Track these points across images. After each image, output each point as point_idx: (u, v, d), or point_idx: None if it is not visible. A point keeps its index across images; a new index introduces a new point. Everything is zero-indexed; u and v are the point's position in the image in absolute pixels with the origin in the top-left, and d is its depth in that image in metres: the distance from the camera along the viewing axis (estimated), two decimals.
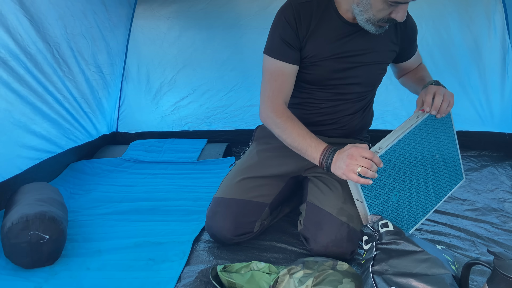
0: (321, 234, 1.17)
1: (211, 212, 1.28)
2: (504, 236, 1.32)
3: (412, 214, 1.17)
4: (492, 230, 1.36)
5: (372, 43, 1.23)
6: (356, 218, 1.15)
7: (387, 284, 0.86)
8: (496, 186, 1.71)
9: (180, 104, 2.47)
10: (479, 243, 1.28)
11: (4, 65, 1.54)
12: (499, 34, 2.02)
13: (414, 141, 1.12)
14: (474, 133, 2.17)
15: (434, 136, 1.18)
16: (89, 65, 2.10)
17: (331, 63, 1.22)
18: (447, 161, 1.24)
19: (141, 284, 1.12)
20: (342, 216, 1.16)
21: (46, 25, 1.72)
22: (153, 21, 2.34)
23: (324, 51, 1.21)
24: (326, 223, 1.17)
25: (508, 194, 1.63)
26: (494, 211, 1.49)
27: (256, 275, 1.04)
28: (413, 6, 2.11)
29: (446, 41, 2.10)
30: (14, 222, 1.17)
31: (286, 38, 1.19)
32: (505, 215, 1.46)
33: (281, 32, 1.20)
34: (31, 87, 1.71)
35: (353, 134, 1.40)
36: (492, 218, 1.44)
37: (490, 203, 1.55)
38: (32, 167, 1.76)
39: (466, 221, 1.42)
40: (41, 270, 1.20)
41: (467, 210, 1.50)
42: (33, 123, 1.76)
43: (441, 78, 2.12)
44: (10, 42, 1.55)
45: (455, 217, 1.45)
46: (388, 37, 1.26)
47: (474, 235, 1.32)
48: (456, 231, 1.35)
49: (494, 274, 0.79)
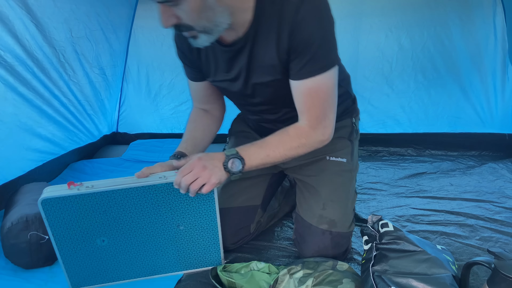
0: (305, 247, 1.15)
1: None
2: (505, 214, 1.33)
3: (123, 268, 1.09)
4: (493, 209, 1.36)
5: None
6: (339, 221, 1.12)
7: (387, 284, 0.85)
8: (497, 178, 1.72)
9: (179, 108, 2.47)
10: (479, 226, 1.27)
11: (11, 70, 1.55)
12: (499, 36, 2.02)
13: (144, 198, 1.00)
14: (474, 134, 2.17)
15: (181, 203, 1.03)
16: (92, 67, 2.11)
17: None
18: (199, 237, 1.10)
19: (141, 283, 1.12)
20: (323, 224, 1.12)
21: (52, 29, 1.74)
22: (154, 21, 2.34)
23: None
24: (308, 234, 1.15)
25: (508, 183, 1.65)
26: (495, 193, 1.52)
27: (256, 275, 1.04)
28: (416, 13, 2.17)
29: (448, 46, 2.11)
30: (14, 222, 1.17)
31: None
32: (505, 196, 1.48)
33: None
34: (38, 92, 1.73)
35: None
36: (493, 198, 1.46)
37: (491, 188, 1.58)
38: (34, 168, 1.77)
39: (466, 202, 1.43)
40: (40, 270, 1.20)
41: (467, 192, 1.52)
42: (39, 126, 1.78)
43: (443, 82, 2.17)
44: (17, 47, 1.56)
45: (453, 200, 1.46)
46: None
47: (474, 217, 1.32)
48: (456, 216, 1.35)
49: (494, 274, 0.79)
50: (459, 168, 1.93)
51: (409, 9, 2.11)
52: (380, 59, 2.20)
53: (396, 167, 1.99)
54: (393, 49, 2.18)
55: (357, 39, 2.21)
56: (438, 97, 2.20)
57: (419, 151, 2.22)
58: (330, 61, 0.95)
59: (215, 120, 1.31)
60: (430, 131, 2.22)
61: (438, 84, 2.18)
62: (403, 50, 2.17)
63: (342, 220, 1.13)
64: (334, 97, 1.00)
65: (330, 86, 0.98)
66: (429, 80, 2.18)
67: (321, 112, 1.00)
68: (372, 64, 2.22)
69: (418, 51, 2.15)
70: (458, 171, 1.89)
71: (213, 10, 0.86)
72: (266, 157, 1.01)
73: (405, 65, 2.19)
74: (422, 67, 2.17)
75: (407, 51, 2.16)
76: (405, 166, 2.01)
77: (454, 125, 2.20)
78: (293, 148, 1.02)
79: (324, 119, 1.01)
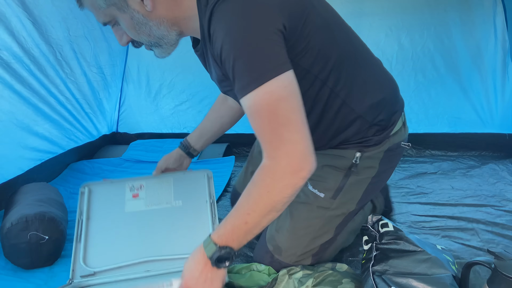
0: (254, 255, 1.16)
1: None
2: (506, 217, 1.33)
3: None
4: (494, 213, 1.36)
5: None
6: (285, 251, 1.05)
7: (387, 284, 0.85)
8: (498, 180, 1.72)
9: (179, 108, 2.46)
10: (480, 230, 1.27)
11: (7, 67, 1.55)
12: (499, 35, 2.02)
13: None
14: (474, 134, 2.16)
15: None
16: (91, 66, 2.11)
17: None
18: None
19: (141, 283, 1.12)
20: (270, 244, 1.08)
21: (49, 27, 1.73)
22: None
23: None
24: (259, 245, 1.14)
25: (509, 186, 1.64)
26: (496, 196, 1.51)
27: (256, 275, 1.04)
28: (416, 13, 2.17)
29: (448, 46, 2.10)
30: (14, 222, 1.17)
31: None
32: (506, 199, 1.47)
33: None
34: (34, 89, 1.72)
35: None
36: (493, 201, 1.45)
37: (491, 191, 1.56)
38: (33, 168, 1.77)
39: (466, 208, 1.43)
40: (40, 270, 1.20)
41: (467, 197, 1.51)
42: (36, 125, 1.77)
43: (443, 82, 2.16)
44: (13, 44, 1.56)
45: (455, 206, 1.45)
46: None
47: (475, 221, 1.32)
48: (457, 220, 1.35)
49: (494, 274, 0.79)
50: (460, 168, 1.93)
51: (409, 9, 2.11)
52: (380, 58, 2.17)
53: (397, 168, 1.99)
54: (393, 48, 2.17)
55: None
56: (438, 97, 2.19)
57: (419, 151, 2.22)
58: (260, 73, 0.74)
59: (232, 111, 1.27)
60: (430, 131, 2.22)
61: (438, 84, 2.17)
62: (403, 50, 2.16)
63: (288, 252, 1.05)
64: (287, 113, 0.76)
65: (274, 101, 0.75)
66: (429, 79, 2.18)
67: (273, 135, 0.76)
68: None
69: (418, 51, 2.14)
70: (459, 171, 1.88)
71: (146, 25, 0.85)
72: (245, 225, 0.81)
73: (405, 65, 2.18)
74: (422, 67, 2.16)
75: (407, 50, 2.16)
76: (405, 167, 2.01)
77: (454, 125, 2.20)
78: (263, 198, 0.79)
79: (281, 144, 0.76)
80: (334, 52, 0.91)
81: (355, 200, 1.07)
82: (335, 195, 1.05)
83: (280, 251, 1.06)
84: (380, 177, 1.09)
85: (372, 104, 0.99)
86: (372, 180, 1.06)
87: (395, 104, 1.07)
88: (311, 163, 0.78)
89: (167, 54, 0.95)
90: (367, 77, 1.00)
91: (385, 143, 1.04)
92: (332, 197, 1.05)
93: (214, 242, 0.83)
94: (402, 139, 1.09)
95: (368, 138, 1.03)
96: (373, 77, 1.02)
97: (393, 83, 1.09)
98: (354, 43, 1.00)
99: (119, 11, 0.84)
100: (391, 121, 1.04)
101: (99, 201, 1.20)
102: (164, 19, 0.86)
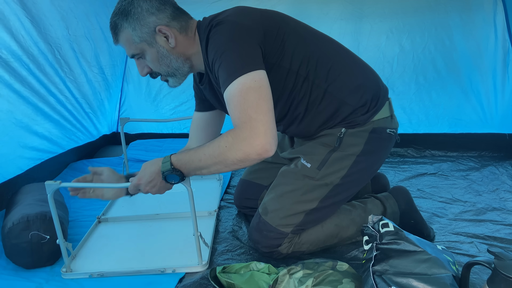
0: (249, 226, 1.29)
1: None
2: (505, 230, 1.32)
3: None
4: (492, 227, 1.36)
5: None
6: (271, 212, 1.18)
7: (387, 284, 0.86)
8: (497, 187, 1.71)
9: (180, 109, 2.47)
10: (478, 243, 1.27)
11: (6, 66, 1.54)
12: (499, 35, 2.02)
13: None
14: (474, 134, 2.17)
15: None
16: (91, 67, 2.11)
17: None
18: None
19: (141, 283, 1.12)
20: (260, 207, 1.22)
21: (48, 26, 1.73)
22: None
23: None
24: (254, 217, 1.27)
25: (509, 193, 1.64)
26: (495, 210, 1.50)
27: (256, 275, 1.04)
28: (416, 15, 2.17)
29: (449, 47, 2.11)
30: (15, 222, 1.17)
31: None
32: (506, 213, 1.46)
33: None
34: (33, 88, 1.71)
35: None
36: (493, 216, 1.44)
37: (491, 203, 1.55)
38: (33, 167, 1.76)
39: (465, 222, 1.42)
40: (41, 270, 1.20)
41: (466, 212, 1.50)
42: (35, 124, 1.76)
43: (443, 84, 2.17)
44: (12, 43, 1.55)
45: (454, 220, 1.44)
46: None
47: (474, 236, 1.32)
48: (456, 235, 1.34)
49: (494, 274, 0.79)
50: (460, 170, 1.94)
51: (410, 11, 2.12)
52: (381, 60, 2.21)
53: (397, 169, 2.00)
54: (394, 50, 2.18)
55: (357, 40, 2.21)
56: (439, 98, 2.20)
57: (419, 151, 2.23)
58: (236, 70, 0.94)
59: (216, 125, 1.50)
60: (431, 131, 2.23)
61: (439, 86, 2.18)
62: (404, 52, 2.17)
63: (273, 213, 1.17)
64: (255, 99, 0.92)
65: (246, 89, 0.93)
66: (429, 81, 2.19)
67: (242, 114, 0.93)
68: (372, 65, 2.16)
69: (419, 53, 2.15)
70: (459, 173, 1.89)
71: (168, 58, 1.10)
72: (198, 162, 0.99)
73: (406, 67, 2.19)
74: (423, 69, 2.17)
75: (408, 52, 2.17)
76: (405, 168, 2.01)
77: (455, 126, 2.20)
78: (220, 149, 0.95)
79: (248, 120, 0.92)
80: (307, 51, 1.12)
81: (339, 174, 1.18)
82: (320, 166, 1.18)
83: (267, 212, 1.19)
84: (366, 158, 1.19)
85: (351, 90, 1.17)
86: (357, 158, 1.18)
87: (376, 89, 1.22)
88: (269, 144, 0.92)
89: (178, 84, 1.20)
90: (342, 68, 1.17)
91: (369, 124, 1.19)
92: (318, 167, 1.18)
93: (171, 162, 1.01)
94: (389, 127, 1.23)
95: (353, 119, 1.18)
96: (347, 67, 1.19)
97: (369, 71, 1.26)
98: (325, 42, 1.19)
99: (148, 46, 1.07)
100: (373, 103, 1.19)
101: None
102: (181, 54, 1.11)
